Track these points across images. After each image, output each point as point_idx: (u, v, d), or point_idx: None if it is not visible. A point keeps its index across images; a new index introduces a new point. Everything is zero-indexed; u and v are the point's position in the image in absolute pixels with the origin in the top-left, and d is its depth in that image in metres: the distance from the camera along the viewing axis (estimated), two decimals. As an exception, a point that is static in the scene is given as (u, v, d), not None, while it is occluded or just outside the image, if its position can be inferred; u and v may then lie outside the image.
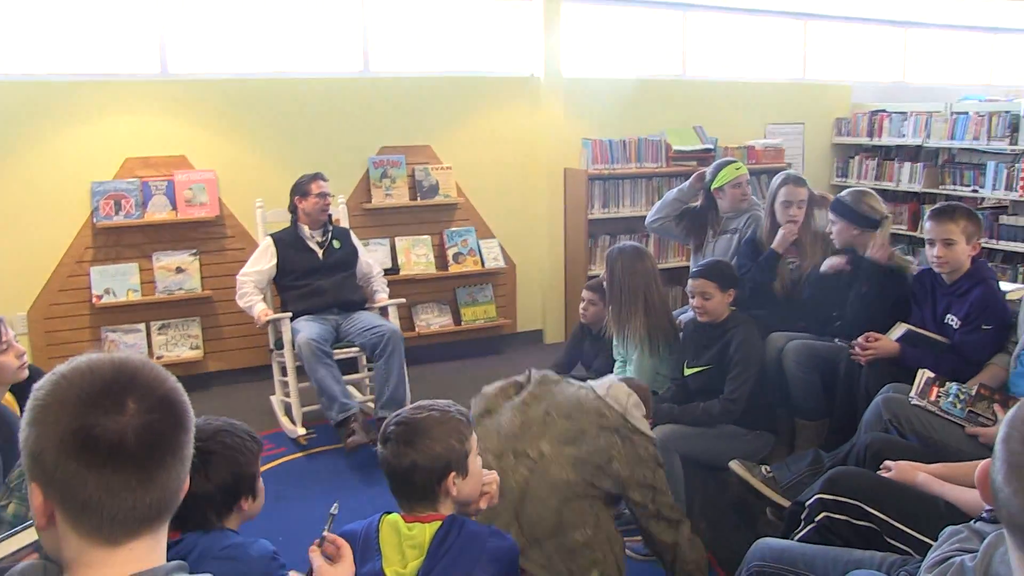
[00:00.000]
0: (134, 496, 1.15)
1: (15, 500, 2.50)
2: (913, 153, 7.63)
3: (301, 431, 4.89)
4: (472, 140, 6.52)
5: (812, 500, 2.63)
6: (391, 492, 2.25)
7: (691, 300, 3.97)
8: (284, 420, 5.08)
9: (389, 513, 2.22)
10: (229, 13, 5.90)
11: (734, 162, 4.99)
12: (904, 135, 7.54)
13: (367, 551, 2.14)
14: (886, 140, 7.69)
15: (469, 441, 2.25)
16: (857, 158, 7.94)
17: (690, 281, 3.98)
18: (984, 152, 7.16)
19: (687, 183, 5.09)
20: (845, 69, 8.34)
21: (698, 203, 5.05)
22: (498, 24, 6.68)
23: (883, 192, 7.56)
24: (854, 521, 2.53)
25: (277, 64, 6.04)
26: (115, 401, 1.15)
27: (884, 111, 7.79)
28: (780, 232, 4.46)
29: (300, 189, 5.16)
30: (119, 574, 1.16)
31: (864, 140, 7.86)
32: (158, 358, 5.65)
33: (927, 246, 3.67)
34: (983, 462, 1.28)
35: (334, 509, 2.07)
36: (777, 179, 4.64)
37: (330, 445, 4.84)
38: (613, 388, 3.02)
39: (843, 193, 4.24)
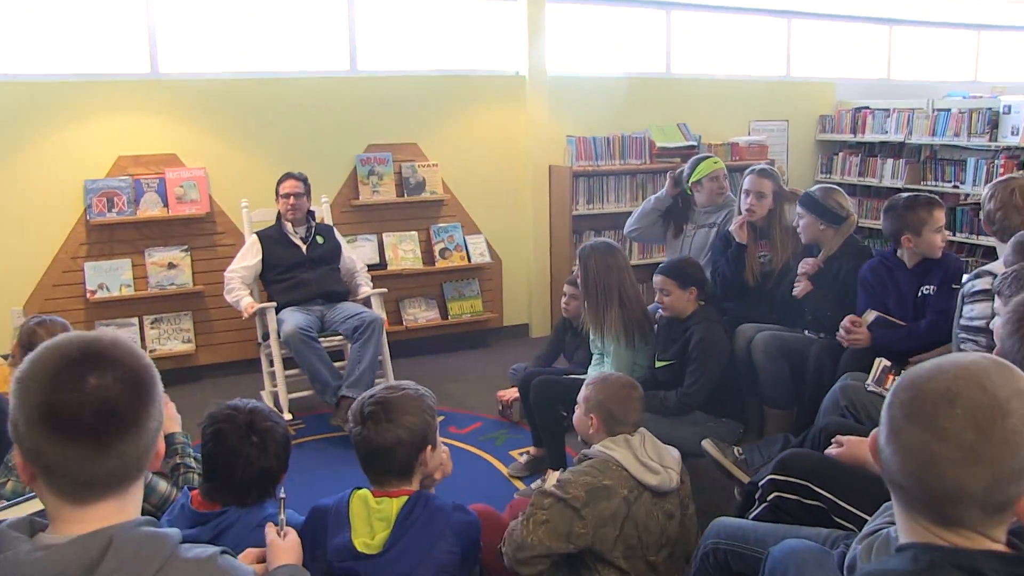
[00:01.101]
0: (92, 465, 1.27)
1: (13, 479, 2.65)
2: (896, 150, 7.73)
3: (288, 417, 4.99)
4: (458, 138, 6.63)
5: (764, 480, 2.75)
6: (366, 469, 2.38)
7: (656, 295, 4.12)
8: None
9: (359, 488, 2.35)
10: (218, 13, 6.01)
11: (710, 157, 5.14)
12: (887, 132, 7.63)
13: (338, 524, 2.28)
14: (869, 137, 7.78)
15: (436, 417, 2.43)
16: (841, 155, 8.03)
17: (654, 276, 4.12)
18: (965, 148, 7.25)
19: (663, 190, 5.20)
20: (830, 67, 8.43)
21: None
22: (483, 23, 6.79)
23: (866, 188, 7.73)
24: (804, 500, 2.65)
25: (266, 63, 6.15)
26: (77, 378, 1.26)
27: (867, 108, 7.88)
28: (734, 221, 4.61)
29: (276, 189, 5.33)
30: (89, 528, 1.28)
31: (848, 137, 7.95)
32: (151, 351, 5.77)
33: (933, 234, 3.75)
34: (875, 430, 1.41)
35: (282, 494, 2.20)
36: (747, 171, 4.77)
37: (317, 434, 4.96)
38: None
39: (813, 188, 4.37)
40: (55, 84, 5.57)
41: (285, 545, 1.96)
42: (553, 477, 2.89)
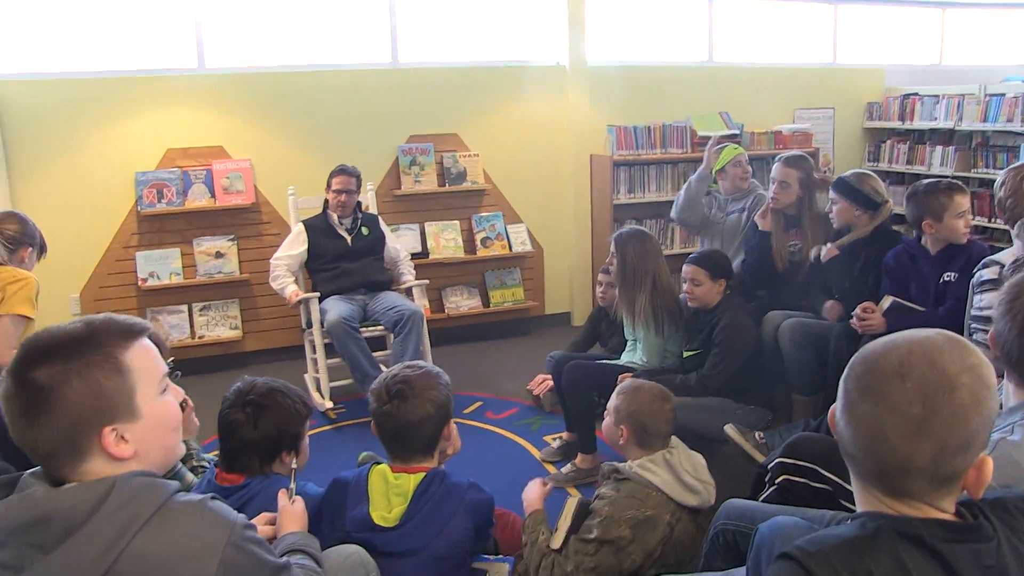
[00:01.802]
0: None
1: None
2: (946, 137, 7.59)
3: (329, 404, 5.13)
4: (499, 128, 6.70)
5: (774, 464, 2.79)
6: (391, 447, 2.47)
7: (684, 285, 4.13)
8: (315, 395, 5.32)
9: (379, 463, 2.44)
10: (263, 8, 6.16)
11: (729, 144, 5.16)
12: (936, 118, 7.49)
13: (357, 496, 2.37)
14: (918, 124, 7.63)
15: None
16: (888, 142, 7.91)
17: (684, 266, 4.14)
18: (1019, 135, 7.09)
19: (701, 167, 5.22)
20: (878, 53, 8.29)
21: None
22: (524, 14, 6.84)
23: (915, 176, 7.58)
24: (812, 483, 2.68)
25: (309, 57, 6.29)
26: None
27: (916, 94, 7.75)
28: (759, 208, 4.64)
29: (328, 181, 5.41)
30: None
31: (896, 124, 7.82)
32: (199, 338, 5.98)
33: (955, 220, 3.74)
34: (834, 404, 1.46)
35: (294, 464, 2.31)
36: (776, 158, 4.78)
37: (357, 419, 5.07)
38: None
39: (847, 173, 4.34)
40: (107, 80, 5.76)
41: (294, 512, 2.07)
42: (571, 505, 2.87)
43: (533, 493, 3.07)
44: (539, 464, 4.38)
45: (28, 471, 1.50)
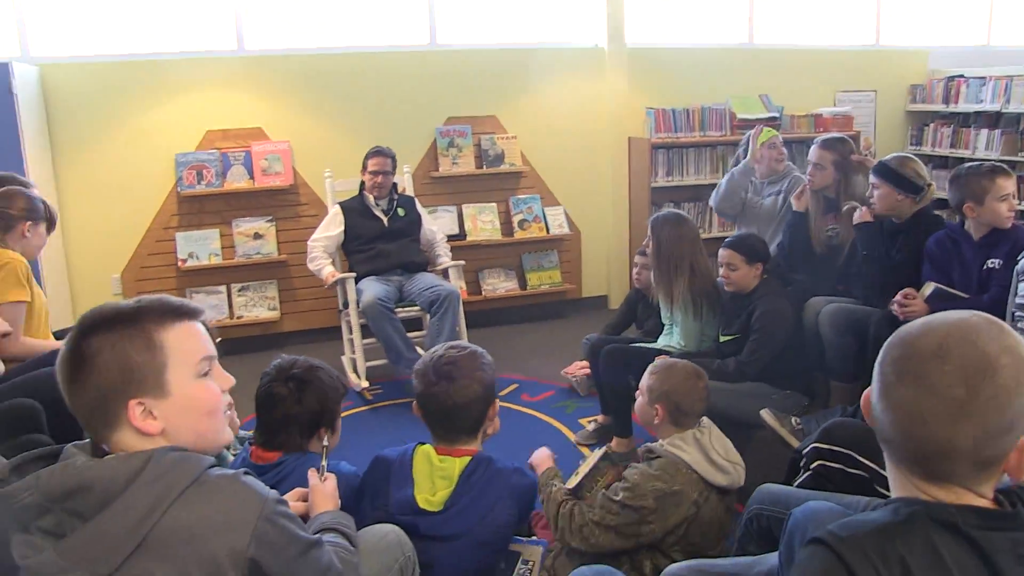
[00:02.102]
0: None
1: None
2: (992, 120, 7.43)
3: (365, 384, 5.16)
4: (537, 110, 6.68)
5: (809, 449, 2.76)
6: (435, 428, 2.48)
7: (720, 269, 4.09)
8: (352, 376, 5.35)
9: (423, 444, 2.44)
10: (302, -10, 6.17)
11: (766, 127, 5.11)
12: (982, 101, 7.35)
13: (401, 478, 2.38)
14: (963, 106, 7.49)
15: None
16: (932, 125, 7.77)
17: (720, 250, 4.09)
18: (1070, 118, 6.95)
19: (745, 160, 5.15)
20: (923, 34, 8.14)
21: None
22: (562, -4, 6.81)
23: (958, 160, 7.46)
24: (847, 469, 2.65)
25: (348, 39, 6.31)
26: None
27: (962, 76, 7.60)
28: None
29: (364, 162, 5.43)
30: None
31: (940, 107, 7.68)
32: (238, 318, 6.04)
33: (997, 203, 3.64)
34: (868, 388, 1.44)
35: (325, 441, 2.32)
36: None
37: (393, 400, 5.10)
38: None
39: (888, 157, 4.22)
40: (148, 63, 5.82)
41: (326, 490, 2.08)
42: (595, 454, 2.90)
43: (542, 453, 3.12)
44: (574, 447, 4.37)
45: (72, 443, 1.54)
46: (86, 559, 1.39)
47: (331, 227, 5.41)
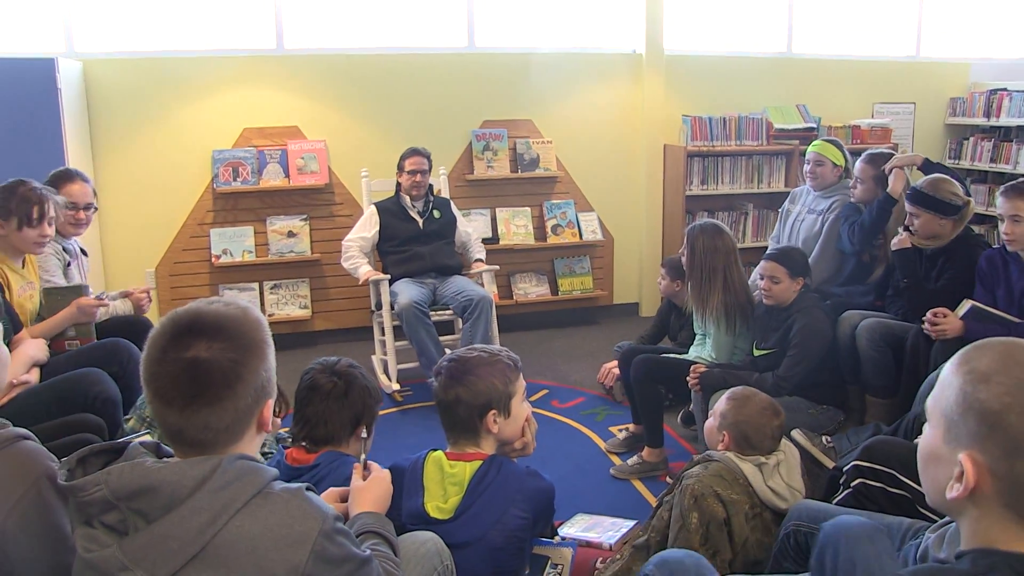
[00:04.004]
0: (181, 425, 1.50)
1: (135, 417, 2.97)
2: (1035, 134, 7.35)
3: (396, 387, 5.16)
4: (573, 115, 6.66)
5: (849, 466, 2.72)
6: (444, 428, 2.46)
7: (760, 281, 4.05)
8: (382, 377, 5.36)
9: (435, 450, 2.43)
10: (342, -9, 6.19)
11: (818, 140, 5.08)
12: (1025, 115, 7.26)
13: (412, 486, 2.34)
14: (1004, 120, 7.38)
15: (514, 384, 2.44)
16: (972, 139, 7.68)
17: (762, 262, 4.06)
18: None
19: None
20: (964, 46, 8.04)
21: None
22: (601, 0, 6.78)
23: (998, 175, 7.38)
24: (888, 488, 2.61)
25: (386, 39, 6.31)
26: (175, 350, 1.50)
27: (1005, 90, 7.50)
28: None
29: (399, 164, 5.42)
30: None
31: (980, 121, 7.58)
32: (269, 316, 6.05)
33: (999, 222, 3.61)
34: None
35: (363, 433, 2.33)
36: None
37: (423, 402, 5.08)
38: None
39: (919, 183, 4.11)
40: (187, 60, 5.86)
41: (370, 493, 2.07)
42: None
43: None
44: (604, 455, 4.35)
45: (136, 440, 1.56)
46: (146, 560, 1.40)
47: (366, 227, 5.42)
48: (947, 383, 1.35)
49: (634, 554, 2.79)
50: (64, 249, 4.02)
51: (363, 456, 2.16)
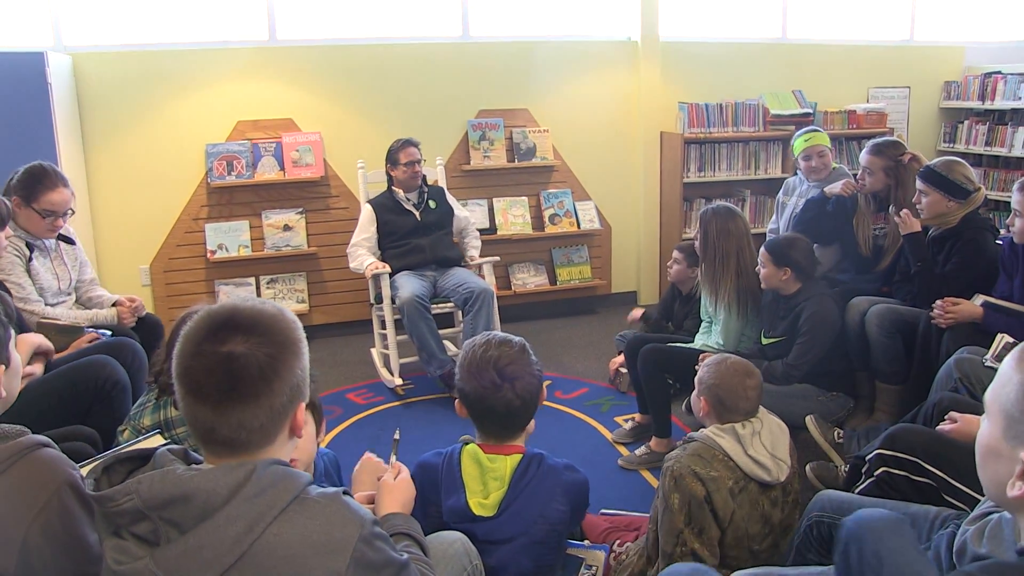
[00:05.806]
0: (214, 424, 1.45)
1: (129, 428, 2.88)
2: (1030, 117, 7.34)
3: (398, 381, 5.10)
4: (569, 103, 6.61)
5: (872, 455, 2.69)
6: (491, 427, 2.38)
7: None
8: (383, 371, 5.32)
9: (467, 443, 2.38)
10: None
11: (804, 133, 5.02)
12: (1020, 98, 7.21)
13: (451, 484, 2.29)
14: (999, 104, 7.37)
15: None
16: (967, 123, 7.66)
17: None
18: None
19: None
20: (959, 30, 8.02)
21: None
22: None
23: (993, 159, 7.38)
24: (913, 477, 2.57)
25: (380, 30, 6.25)
26: (211, 347, 1.45)
27: (999, 73, 7.48)
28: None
29: (391, 158, 5.34)
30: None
31: (975, 104, 7.57)
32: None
33: (1016, 217, 3.52)
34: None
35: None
36: None
37: (425, 395, 5.06)
38: None
39: (934, 162, 4.08)
40: (179, 52, 5.78)
41: (401, 494, 2.03)
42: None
43: None
44: (611, 445, 4.32)
45: (164, 447, 1.50)
46: (181, 571, 1.35)
47: (366, 228, 5.33)
48: (1007, 378, 1.32)
49: (640, 552, 2.79)
50: (27, 244, 3.83)
51: (393, 457, 2.12)
